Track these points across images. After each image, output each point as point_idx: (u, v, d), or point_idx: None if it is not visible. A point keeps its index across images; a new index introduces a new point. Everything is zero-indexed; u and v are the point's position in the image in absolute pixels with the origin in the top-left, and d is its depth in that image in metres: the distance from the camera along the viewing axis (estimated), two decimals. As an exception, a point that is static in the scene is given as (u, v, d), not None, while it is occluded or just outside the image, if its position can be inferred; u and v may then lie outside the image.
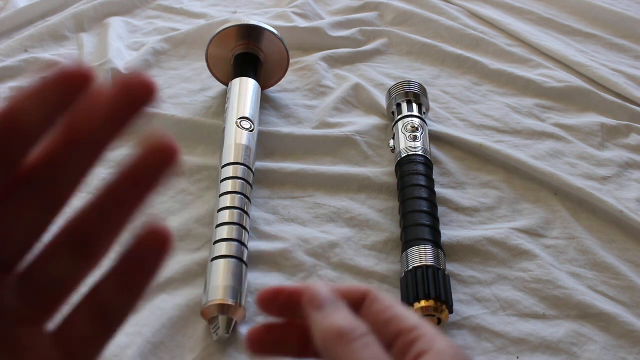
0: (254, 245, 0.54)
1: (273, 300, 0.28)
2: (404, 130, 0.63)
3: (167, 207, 0.59)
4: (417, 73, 0.79)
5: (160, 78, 0.78)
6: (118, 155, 0.70)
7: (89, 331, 0.22)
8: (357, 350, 0.24)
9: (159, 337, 0.47)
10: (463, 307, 0.50)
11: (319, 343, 0.26)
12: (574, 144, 0.67)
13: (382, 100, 0.72)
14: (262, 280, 0.52)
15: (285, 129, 0.68)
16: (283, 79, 0.74)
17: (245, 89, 0.66)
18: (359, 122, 0.69)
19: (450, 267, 0.53)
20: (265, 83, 0.72)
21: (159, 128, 0.19)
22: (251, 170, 0.58)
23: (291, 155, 0.65)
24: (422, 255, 0.49)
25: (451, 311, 0.47)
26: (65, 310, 0.22)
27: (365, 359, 0.24)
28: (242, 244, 0.51)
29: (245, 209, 0.54)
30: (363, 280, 0.52)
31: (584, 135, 0.68)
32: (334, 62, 0.80)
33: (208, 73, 0.73)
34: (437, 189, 0.59)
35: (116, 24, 0.88)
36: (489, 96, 0.75)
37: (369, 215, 0.58)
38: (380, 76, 0.78)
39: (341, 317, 0.26)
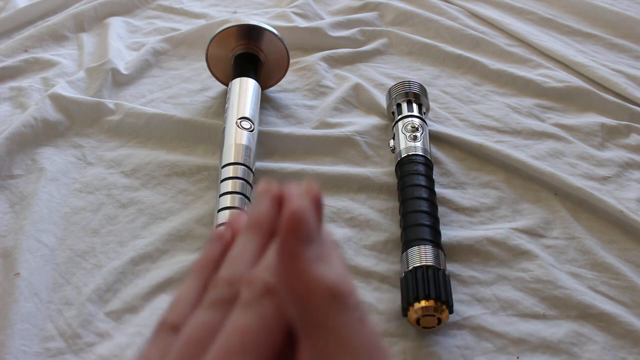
0: (254, 245, 0.54)
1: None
2: (404, 130, 0.63)
3: (167, 207, 0.59)
4: (417, 73, 0.79)
5: (160, 78, 0.78)
6: (117, 155, 0.69)
7: None
8: (352, 324, 0.19)
9: (159, 337, 0.47)
10: (463, 307, 0.50)
11: (292, 292, 0.20)
12: (574, 144, 0.67)
13: (382, 100, 0.72)
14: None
15: (285, 129, 0.68)
16: (283, 79, 0.74)
17: (245, 89, 0.66)
18: (359, 122, 0.69)
19: (450, 267, 0.53)
20: (265, 83, 0.72)
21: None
22: (251, 170, 0.58)
23: (291, 155, 0.65)
24: (422, 255, 0.49)
25: (451, 311, 0.47)
26: None
27: (361, 338, 0.19)
28: (242, 244, 0.51)
29: (246, 209, 0.54)
30: (363, 280, 0.52)
31: (584, 135, 0.68)
32: (334, 62, 0.80)
33: (208, 73, 0.73)
34: (437, 189, 0.59)
35: (116, 24, 0.88)
36: (489, 96, 0.75)
37: (369, 215, 0.58)
38: (380, 76, 0.78)
39: (334, 271, 0.19)
